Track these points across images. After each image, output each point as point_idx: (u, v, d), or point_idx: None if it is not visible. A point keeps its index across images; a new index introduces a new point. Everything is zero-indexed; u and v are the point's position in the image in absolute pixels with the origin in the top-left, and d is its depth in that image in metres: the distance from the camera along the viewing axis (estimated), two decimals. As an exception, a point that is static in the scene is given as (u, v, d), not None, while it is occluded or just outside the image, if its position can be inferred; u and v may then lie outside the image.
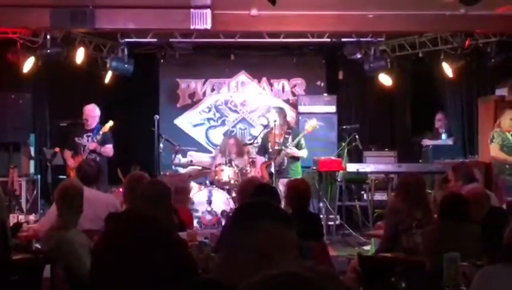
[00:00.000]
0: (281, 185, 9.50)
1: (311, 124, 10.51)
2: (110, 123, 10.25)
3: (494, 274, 3.44)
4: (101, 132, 10.18)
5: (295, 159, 10.23)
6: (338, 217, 11.28)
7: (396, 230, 5.95)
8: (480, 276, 3.56)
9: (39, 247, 6.45)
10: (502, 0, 9.51)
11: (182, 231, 5.83)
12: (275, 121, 10.21)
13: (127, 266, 2.02)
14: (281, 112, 10.61)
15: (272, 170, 10.03)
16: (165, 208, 4.88)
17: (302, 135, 10.23)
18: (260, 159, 10.59)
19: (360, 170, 10.89)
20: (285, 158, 10.12)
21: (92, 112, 10.43)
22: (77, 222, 5.25)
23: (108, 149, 10.33)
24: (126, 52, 11.75)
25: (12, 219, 7.61)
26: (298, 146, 10.16)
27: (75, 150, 10.31)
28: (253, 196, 4.44)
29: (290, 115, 12.80)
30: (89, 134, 10.33)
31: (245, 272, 2.36)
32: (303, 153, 10.22)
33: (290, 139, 10.20)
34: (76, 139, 10.34)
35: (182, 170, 11.35)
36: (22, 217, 7.89)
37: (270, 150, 10.22)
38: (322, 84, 13.49)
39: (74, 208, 5.21)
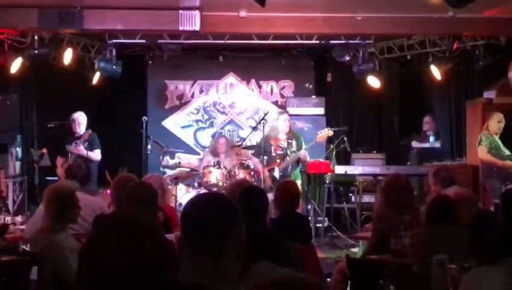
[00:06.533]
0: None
1: (325, 133, 10.55)
2: (89, 131, 10.28)
3: (483, 276, 3.44)
4: (82, 140, 10.20)
5: (297, 164, 10.28)
6: (326, 219, 11.27)
7: (384, 234, 5.93)
8: (469, 278, 3.55)
9: (26, 249, 6.42)
10: (490, 3, 9.54)
11: (168, 228, 5.82)
12: (287, 126, 10.29)
13: (111, 269, 2.00)
14: (288, 116, 10.67)
15: (276, 174, 10.04)
16: (150, 210, 4.86)
17: (313, 143, 10.35)
18: (257, 161, 10.55)
19: (348, 172, 10.90)
20: (290, 165, 10.17)
21: (80, 118, 10.41)
22: (67, 225, 5.21)
23: (96, 154, 10.31)
24: (114, 53, 11.72)
25: (-1, 220, 7.57)
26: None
27: (66, 157, 10.27)
28: (241, 198, 4.42)
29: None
30: (76, 141, 10.31)
31: (231, 278, 2.36)
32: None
33: (293, 144, 10.23)
34: (66, 147, 10.30)
35: (169, 172, 11.32)
36: (8, 219, 7.83)
37: (273, 154, 10.21)
38: (311, 86, 13.51)
39: (65, 211, 5.14)
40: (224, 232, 2.41)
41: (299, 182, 9.34)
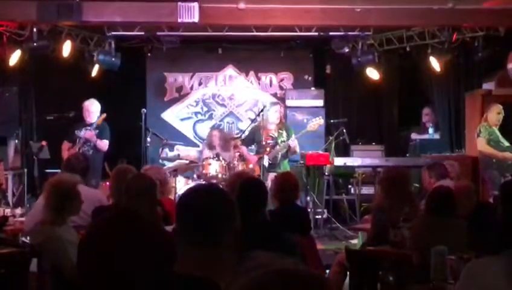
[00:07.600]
0: (270, 179, 9.51)
1: (316, 122, 10.55)
2: (103, 115, 10.16)
3: (483, 268, 3.45)
4: (94, 124, 10.10)
5: (286, 154, 10.28)
6: (325, 211, 11.28)
7: (383, 226, 5.94)
8: (469, 270, 3.56)
9: (26, 241, 6.42)
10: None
11: (168, 222, 5.82)
12: (277, 118, 10.29)
13: (111, 261, 2.01)
14: (280, 108, 10.68)
15: (265, 163, 10.03)
16: (149, 201, 4.86)
17: (305, 132, 10.33)
18: (245, 149, 10.59)
19: (348, 164, 10.90)
20: (279, 153, 10.16)
21: (91, 107, 10.33)
22: (67, 218, 5.19)
23: (104, 144, 10.22)
24: (113, 45, 11.70)
25: (-1, 212, 7.58)
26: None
27: (74, 142, 10.22)
28: (240, 190, 4.43)
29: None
30: (87, 128, 10.25)
31: (229, 269, 2.37)
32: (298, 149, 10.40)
33: (284, 134, 10.24)
34: (76, 132, 10.24)
35: (169, 164, 11.32)
36: (8, 211, 7.85)
37: (264, 143, 10.22)
38: (310, 78, 13.49)
39: (65, 204, 5.12)
40: (221, 223, 2.41)
41: None
